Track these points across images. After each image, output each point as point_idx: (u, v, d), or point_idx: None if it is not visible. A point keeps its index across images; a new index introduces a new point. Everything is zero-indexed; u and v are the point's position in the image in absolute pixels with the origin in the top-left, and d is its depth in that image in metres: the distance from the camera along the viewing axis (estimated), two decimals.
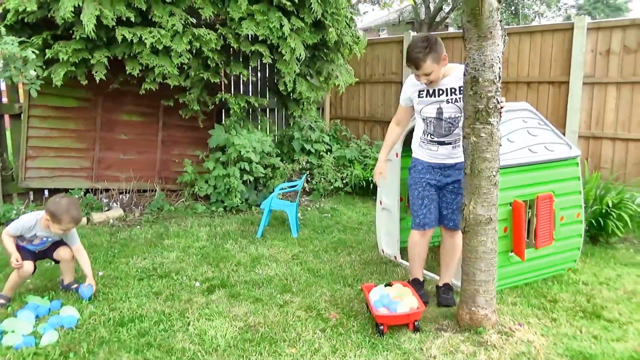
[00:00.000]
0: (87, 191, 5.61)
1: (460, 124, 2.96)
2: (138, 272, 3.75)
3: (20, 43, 3.87)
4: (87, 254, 3.40)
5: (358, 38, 5.70)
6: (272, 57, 5.12)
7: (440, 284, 3.29)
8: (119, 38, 4.19)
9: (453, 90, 3.01)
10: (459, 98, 2.98)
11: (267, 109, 7.16)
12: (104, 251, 4.19)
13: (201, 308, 3.18)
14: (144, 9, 4.29)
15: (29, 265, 3.15)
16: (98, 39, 4.34)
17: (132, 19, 4.23)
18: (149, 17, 4.40)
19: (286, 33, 4.85)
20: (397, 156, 3.98)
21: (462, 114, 2.87)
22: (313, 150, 6.69)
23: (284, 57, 5.07)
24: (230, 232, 4.83)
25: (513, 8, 23.79)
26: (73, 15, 4.00)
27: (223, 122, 6.19)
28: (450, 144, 3.09)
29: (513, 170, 3.35)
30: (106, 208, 5.36)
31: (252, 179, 5.69)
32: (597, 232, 4.33)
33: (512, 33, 5.85)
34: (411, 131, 3.79)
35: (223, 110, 6.50)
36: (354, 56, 6.16)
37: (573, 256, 3.77)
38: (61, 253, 3.33)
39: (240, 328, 2.93)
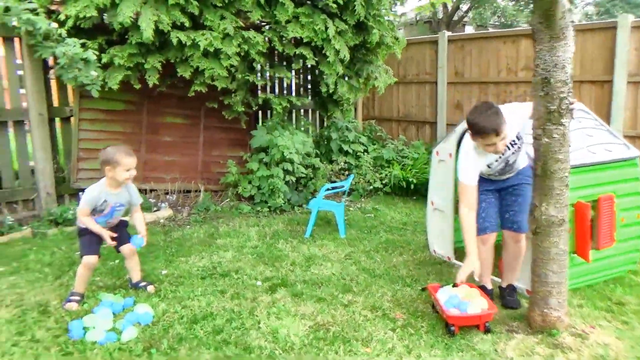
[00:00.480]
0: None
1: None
2: (199, 271, 3.83)
3: (81, 46, 3.99)
4: (142, 216, 3.49)
5: (397, 39, 5.72)
6: (314, 59, 5.17)
7: (504, 286, 3.29)
8: (174, 41, 4.28)
9: (515, 140, 3.04)
10: (522, 144, 3.07)
11: (303, 110, 7.23)
12: (161, 250, 4.28)
13: (268, 307, 3.24)
14: (196, 13, 4.37)
15: (93, 258, 3.21)
16: (151, 43, 4.43)
17: (186, 24, 4.32)
18: (201, 21, 4.48)
19: (331, 35, 4.90)
20: (450, 157, 4.00)
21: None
22: (351, 151, 6.73)
23: (327, 59, 5.12)
24: (279, 232, 4.90)
25: (531, 7, 23.58)
26: (132, 21, 4.09)
27: (262, 123, 6.25)
28: (511, 173, 3.21)
29: (575, 171, 3.33)
30: (155, 208, 5.46)
31: (293, 179, 5.75)
32: None
33: None
34: (465, 131, 3.83)
35: (260, 111, 6.58)
36: (388, 57, 6.19)
37: (633, 258, 3.75)
38: (125, 250, 3.39)
39: (310, 327, 2.98)
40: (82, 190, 5.64)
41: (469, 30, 24.37)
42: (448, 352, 2.70)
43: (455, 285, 3.18)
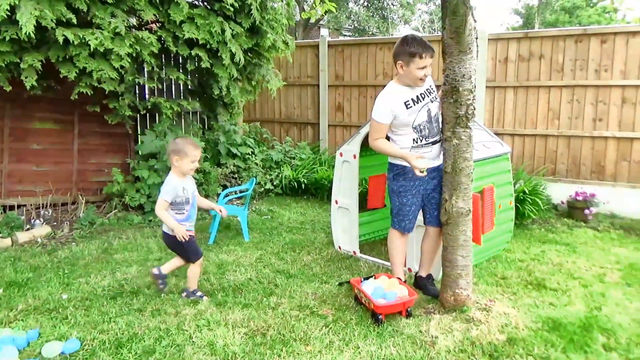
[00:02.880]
0: (2, 209, 5.02)
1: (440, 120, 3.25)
2: (106, 291, 3.54)
3: None
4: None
5: (287, 43, 5.85)
6: (209, 61, 5.06)
7: (424, 275, 3.56)
8: (60, 39, 3.85)
9: (431, 90, 3.25)
10: (437, 95, 3.27)
11: (190, 113, 6.98)
12: (52, 272, 3.86)
13: (195, 319, 3.13)
14: (84, 9, 3.99)
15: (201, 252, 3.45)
16: (27, 40, 3.94)
17: (74, 20, 3.92)
18: (88, 18, 4.10)
19: (227, 38, 4.85)
20: (354, 157, 4.25)
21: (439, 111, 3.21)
22: (239, 154, 6.70)
23: (222, 62, 5.05)
24: None
25: (381, 12, 25.56)
26: (6, 14, 3.59)
27: (150, 127, 5.92)
28: (439, 141, 3.26)
29: None
30: (28, 226, 4.85)
31: None
32: (515, 215, 5.04)
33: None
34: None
35: (140, 116, 6.20)
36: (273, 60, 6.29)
37: (507, 238, 4.39)
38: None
39: (246, 334, 2.97)
40: None
41: (324, 33, 25.53)
42: (382, 340, 2.90)
43: (374, 277, 3.42)
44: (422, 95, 3.21)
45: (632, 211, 5.66)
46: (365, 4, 25.42)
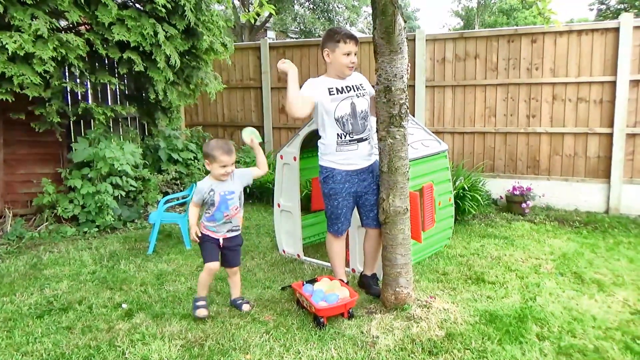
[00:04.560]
0: None
1: (369, 120, 3.28)
2: (32, 309, 3.33)
3: None
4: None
5: (225, 45, 5.74)
6: (143, 64, 4.88)
7: (369, 274, 3.54)
8: None
9: (360, 86, 3.29)
10: (366, 92, 3.29)
11: (122, 118, 6.72)
12: None
13: (129, 334, 2.99)
14: (0, 11, 3.74)
15: (215, 265, 3.21)
16: None
17: None
18: (6, 20, 3.85)
19: (160, 40, 4.69)
20: (295, 160, 4.20)
21: (369, 109, 3.22)
22: (181, 159, 6.52)
23: (157, 65, 4.89)
24: (117, 252, 4.51)
25: (327, 14, 25.74)
26: None
27: (84, 134, 5.64)
28: (367, 139, 3.26)
29: None
30: None
31: (123, 193, 5.34)
32: (455, 211, 5.15)
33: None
34: (309, 135, 4.07)
35: (72, 123, 5.91)
36: (213, 62, 6.16)
37: (448, 234, 4.47)
38: (228, 270, 3.37)
39: (182, 346, 2.86)
40: None
41: (271, 35, 25.40)
42: (323, 343, 2.86)
43: (314, 280, 3.39)
44: (348, 88, 3.24)
45: (565, 203, 5.91)
46: (311, 6, 25.53)
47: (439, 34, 6.36)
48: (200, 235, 3.18)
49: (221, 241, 3.23)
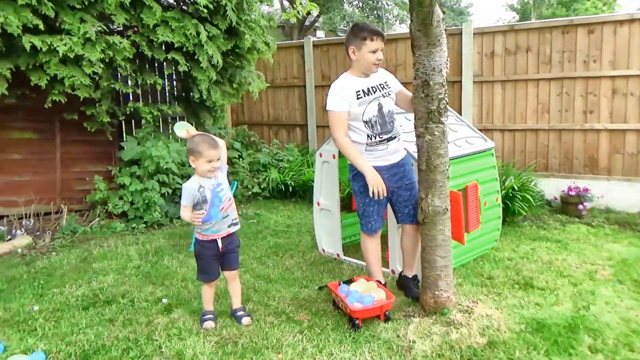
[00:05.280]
0: None
1: (395, 117, 3.20)
2: (79, 301, 3.45)
3: None
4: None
5: (268, 44, 5.76)
6: (187, 64, 4.98)
7: (410, 275, 3.45)
8: (27, 46, 3.77)
9: (385, 84, 3.20)
10: (391, 90, 3.21)
11: (171, 118, 6.90)
12: (27, 283, 3.77)
13: (167, 328, 3.04)
14: (51, 15, 3.91)
15: (213, 282, 3.14)
16: None
17: (41, 27, 3.84)
18: (57, 25, 4.02)
19: (203, 40, 4.76)
20: (334, 158, 4.15)
21: (400, 103, 3.14)
22: None
23: (200, 65, 4.96)
24: (161, 248, 4.62)
25: (376, 12, 25.48)
26: None
27: (133, 134, 5.84)
28: (395, 137, 3.23)
29: None
30: (9, 237, 4.77)
31: (170, 191, 5.47)
32: (504, 213, 4.92)
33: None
34: None
35: (125, 122, 6.12)
36: (257, 61, 6.20)
37: (495, 236, 4.27)
38: (226, 274, 3.18)
39: (217, 342, 2.87)
40: None
41: (321, 34, 25.45)
42: (357, 346, 2.79)
43: (351, 281, 3.32)
44: (374, 89, 3.16)
45: (627, 205, 5.52)
46: (360, 4, 25.36)
47: (487, 27, 6.10)
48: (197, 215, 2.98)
49: (220, 244, 3.05)
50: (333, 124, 3.16)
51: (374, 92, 3.16)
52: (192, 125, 3.27)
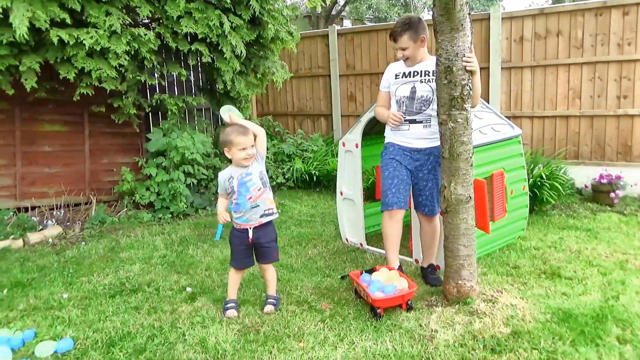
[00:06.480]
0: (16, 211, 5.11)
1: (432, 106, 3.15)
2: (106, 289, 3.54)
3: None
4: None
5: (291, 34, 5.74)
6: (210, 55, 5.00)
7: (425, 265, 3.45)
8: (55, 40, 3.86)
9: (427, 72, 3.22)
10: (432, 79, 3.17)
11: (196, 109, 6.97)
12: (57, 272, 3.88)
13: (190, 317, 3.08)
14: (77, 9, 3.98)
15: (240, 271, 3.20)
16: (25, 43, 3.96)
17: (67, 20, 3.92)
18: (83, 18, 4.10)
19: (226, 31, 4.77)
20: (357, 147, 4.11)
21: (434, 96, 3.06)
22: None
23: (223, 55, 4.98)
24: (186, 237, 4.69)
25: (403, 0, 25.07)
26: (1, 17, 3.61)
27: (160, 125, 5.92)
28: (421, 122, 3.25)
29: None
30: (40, 227, 4.93)
31: (195, 182, 5.54)
32: (532, 201, 4.81)
33: None
34: (371, 122, 3.97)
35: (152, 114, 6.22)
36: (281, 52, 6.19)
37: (522, 225, 4.17)
38: (261, 265, 3.21)
39: (239, 330, 2.90)
40: None
41: (347, 24, 25.24)
42: (378, 335, 2.78)
43: (373, 270, 3.30)
44: (414, 73, 3.29)
45: None
46: None
47: (515, 11, 5.92)
48: (229, 221, 3.06)
49: (251, 234, 3.04)
50: (378, 98, 3.54)
51: (412, 76, 3.30)
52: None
